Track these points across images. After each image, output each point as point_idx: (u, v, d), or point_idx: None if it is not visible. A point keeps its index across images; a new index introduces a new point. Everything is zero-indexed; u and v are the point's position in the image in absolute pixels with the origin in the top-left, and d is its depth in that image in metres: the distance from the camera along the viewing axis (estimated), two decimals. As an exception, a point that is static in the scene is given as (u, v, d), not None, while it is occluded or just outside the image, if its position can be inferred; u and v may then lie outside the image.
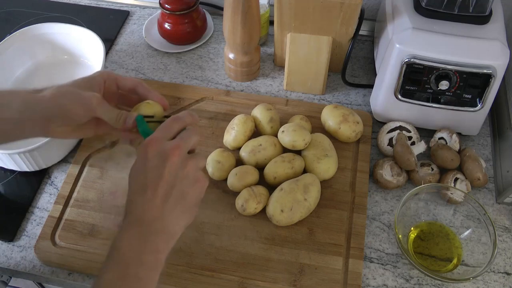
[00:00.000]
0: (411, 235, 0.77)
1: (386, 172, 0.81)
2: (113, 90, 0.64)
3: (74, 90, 0.59)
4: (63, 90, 0.59)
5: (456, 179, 0.80)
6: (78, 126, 0.61)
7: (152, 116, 0.61)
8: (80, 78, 0.62)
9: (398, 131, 0.86)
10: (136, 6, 1.17)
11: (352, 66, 1.03)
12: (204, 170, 0.67)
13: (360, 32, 0.92)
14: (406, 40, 0.79)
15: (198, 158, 0.58)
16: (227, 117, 0.90)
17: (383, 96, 0.86)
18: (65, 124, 0.60)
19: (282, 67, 1.01)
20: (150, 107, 0.62)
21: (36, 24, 0.97)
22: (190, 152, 0.58)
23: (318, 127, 0.89)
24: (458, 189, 0.77)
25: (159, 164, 0.53)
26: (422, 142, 0.84)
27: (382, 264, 0.75)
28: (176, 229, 0.55)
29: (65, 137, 0.62)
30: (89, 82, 0.62)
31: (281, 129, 0.83)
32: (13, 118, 0.58)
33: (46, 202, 0.82)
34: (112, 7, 1.16)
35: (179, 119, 0.58)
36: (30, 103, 0.58)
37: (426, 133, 0.88)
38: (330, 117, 0.86)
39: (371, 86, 0.92)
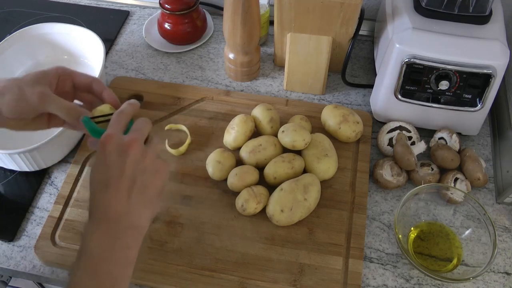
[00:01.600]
0: (411, 235, 0.77)
1: (386, 172, 0.81)
2: (68, 86, 0.64)
3: (19, 85, 0.59)
4: (9, 85, 0.59)
5: (456, 179, 0.80)
6: (25, 121, 0.61)
7: (98, 116, 0.61)
8: (33, 72, 0.62)
9: (398, 131, 0.86)
10: (136, 6, 1.17)
11: (352, 66, 1.03)
12: (165, 153, 0.67)
13: (360, 32, 0.92)
14: (406, 40, 0.79)
15: (154, 145, 0.58)
16: (227, 117, 0.90)
17: (383, 96, 0.86)
18: (12, 116, 0.59)
19: (282, 67, 1.01)
20: (108, 109, 0.63)
21: (36, 24, 0.97)
22: (146, 141, 0.58)
23: (318, 127, 0.89)
24: (458, 189, 0.77)
25: (119, 160, 0.53)
26: (422, 142, 0.84)
27: (382, 264, 0.75)
28: (143, 222, 0.55)
29: (18, 129, 0.61)
30: (40, 77, 0.61)
31: (281, 129, 0.83)
32: None
33: (46, 202, 0.82)
34: (112, 7, 1.16)
35: (123, 111, 0.59)
36: None
37: (426, 133, 0.88)
38: (330, 117, 0.86)
39: (371, 86, 0.92)
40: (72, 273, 0.52)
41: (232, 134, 0.84)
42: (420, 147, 0.84)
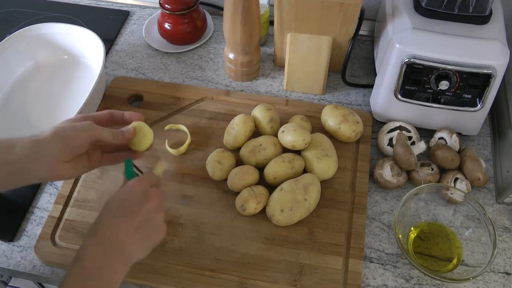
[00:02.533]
0: (411, 235, 0.77)
1: (386, 172, 0.81)
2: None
3: (69, 123, 0.65)
4: (59, 126, 0.64)
5: (456, 179, 0.80)
6: (76, 162, 0.65)
7: (134, 166, 0.70)
8: (66, 120, 0.67)
9: (398, 131, 0.86)
10: (136, 6, 1.17)
11: (352, 66, 1.03)
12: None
13: (360, 32, 0.92)
14: (406, 40, 0.79)
15: (163, 213, 0.66)
16: (227, 117, 0.90)
17: (383, 96, 0.86)
18: (69, 156, 0.64)
19: (282, 67, 1.01)
20: (142, 125, 0.71)
21: (36, 24, 0.97)
22: None
23: (318, 127, 0.89)
24: (458, 189, 0.77)
25: (142, 201, 0.62)
26: (422, 142, 0.84)
27: (382, 264, 0.75)
28: (134, 258, 0.61)
29: (66, 176, 0.66)
30: (74, 120, 0.67)
31: (281, 129, 0.83)
32: (19, 160, 0.61)
33: (46, 202, 0.82)
34: (112, 7, 1.16)
35: (158, 178, 0.69)
36: (35, 144, 0.62)
37: (426, 133, 0.88)
38: (330, 117, 0.86)
39: (371, 86, 0.92)
40: (65, 278, 0.57)
41: (232, 134, 0.84)
42: (420, 147, 0.84)
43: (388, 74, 0.82)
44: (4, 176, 0.61)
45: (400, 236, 0.73)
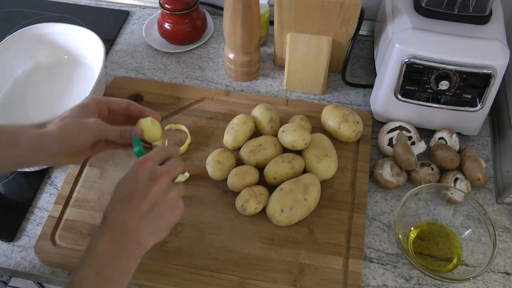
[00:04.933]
0: (411, 235, 0.77)
1: (386, 172, 0.81)
2: (104, 113, 0.69)
3: (75, 120, 0.64)
4: (66, 122, 0.63)
5: (456, 179, 0.80)
6: (79, 154, 0.65)
7: (145, 142, 0.67)
8: (75, 106, 0.66)
9: (398, 131, 0.86)
10: (136, 6, 1.17)
11: (352, 66, 1.03)
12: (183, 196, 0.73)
13: (360, 32, 0.92)
14: (406, 40, 0.79)
15: (180, 187, 0.63)
16: (227, 117, 0.90)
17: (383, 96, 0.86)
18: (72, 153, 0.64)
19: (282, 67, 1.01)
20: (152, 122, 0.68)
21: (36, 24, 0.97)
22: (173, 180, 0.64)
23: (318, 127, 0.89)
24: (458, 189, 0.77)
25: (148, 184, 0.59)
26: (422, 142, 0.84)
27: (382, 264, 0.75)
28: (148, 243, 0.60)
29: (67, 163, 0.67)
30: (84, 109, 0.66)
31: (281, 129, 0.83)
32: (21, 154, 0.62)
33: (46, 202, 0.82)
34: (112, 7, 1.16)
35: (167, 149, 0.65)
36: (38, 139, 0.62)
37: (426, 133, 0.88)
38: (330, 117, 0.86)
39: (371, 86, 0.92)
40: (78, 268, 0.56)
41: (232, 134, 0.84)
42: (420, 147, 0.84)
43: (388, 74, 0.82)
44: (8, 164, 0.63)
45: (400, 236, 0.73)
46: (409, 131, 0.87)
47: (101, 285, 0.55)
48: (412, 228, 0.78)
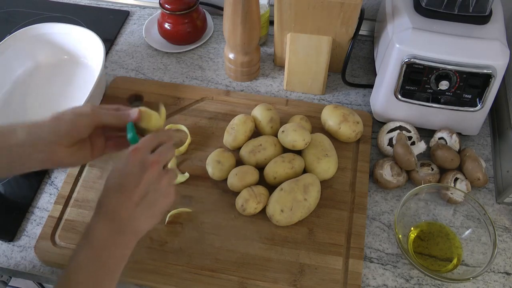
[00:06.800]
0: (411, 235, 0.77)
1: (386, 172, 0.81)
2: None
3: (71, 108, 0.64)
4: (61, 112, 0.63)
5: (456, 179, 0.80)
6: (78, 148, 0.64)
7: (138, 128, 0.66)
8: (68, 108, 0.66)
9: (398, 131, 0.86)
10: (136, 6, 1.17)
11: (352, 66, 1.03)
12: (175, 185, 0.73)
13: (360, 32, 0.92)
14: (406, 40, 0.79)
15: (171, 175, 0.63)
16: (227, 117, 0.90)
17: (383, 96, 0.86)
18: (69, 141, 0.63)
19: (282, 67, 1.01)
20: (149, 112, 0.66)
21: (36, 24, 0.97)
22: (164, 166, 0.64)
23: (318, 127, 0.89)
24: (458, 189, 0.77)
25: (139, 172, 0.59)
26: (422, 142, 0.84)
27: (382, 264, 0.75)
28: (141, 230, 0.61)
29: (66, 162, 0.65)
30: (79, 107, 0.65)
31: (281, 129, 0.83)
32: (19, 144, 0.61)
33: (46, 202, 0.82)
34: (112, 7, 1.16)
35: (159, 136, 0.64)
36: (34, 128, 0.62)
37: (426, 133, 0.88)
38: (330, 117, 0.86)
39: (371, 86, 0.92)
40: (74, 255, 0.57)
41: (232, 134, 0.84)
42: (420, 147, 0.84)
43: (388, 74, 0.82)
44: (5, 160, 0.62)
45: (400, 236, 0.73)
46: (409, 131, 0.87)
47: (97, 271, 0.56)
48: (412, 228, 0.78)
